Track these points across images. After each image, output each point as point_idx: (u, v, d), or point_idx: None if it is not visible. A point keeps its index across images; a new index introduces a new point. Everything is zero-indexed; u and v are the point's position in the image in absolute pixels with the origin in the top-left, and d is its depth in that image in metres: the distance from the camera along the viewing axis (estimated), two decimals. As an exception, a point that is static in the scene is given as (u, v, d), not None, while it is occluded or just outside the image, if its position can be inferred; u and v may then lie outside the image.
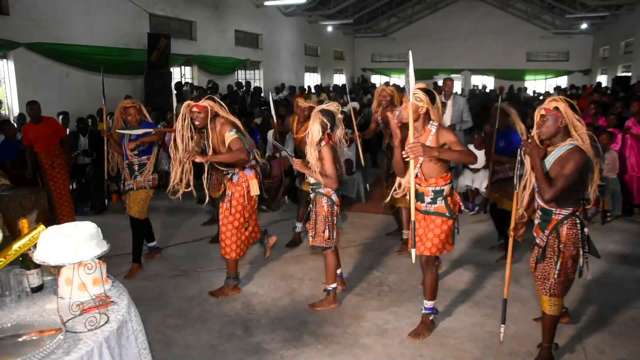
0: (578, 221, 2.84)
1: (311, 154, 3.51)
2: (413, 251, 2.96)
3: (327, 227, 3.65)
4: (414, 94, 3.01)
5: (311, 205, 3.76)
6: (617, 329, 3.52)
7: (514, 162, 3.18)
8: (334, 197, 3.66)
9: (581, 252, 2.84)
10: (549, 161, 2.78)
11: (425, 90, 3.16)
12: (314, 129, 3.51)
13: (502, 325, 3.19)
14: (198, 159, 3.53)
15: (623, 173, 6.29)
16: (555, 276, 2.83)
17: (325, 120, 3.51)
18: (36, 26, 9.07)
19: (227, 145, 3.62)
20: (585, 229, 2.86)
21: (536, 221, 2.98)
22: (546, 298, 2.90)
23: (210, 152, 3.74)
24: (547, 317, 2.95)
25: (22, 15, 8.85)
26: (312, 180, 3.68)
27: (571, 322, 3.58)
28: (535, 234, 3.00)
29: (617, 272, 4.52)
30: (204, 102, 3.64)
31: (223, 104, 3.78)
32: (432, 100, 3.15)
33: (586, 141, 2.72)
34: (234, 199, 3.85)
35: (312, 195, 3.74)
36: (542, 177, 2.75)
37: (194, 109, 3.62)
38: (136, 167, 4.47)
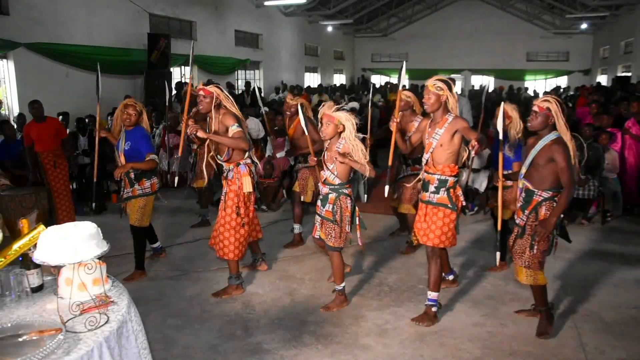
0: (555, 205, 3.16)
1: (356, 146, 3.46)
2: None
3: (349, 227, 3.65)
4: (434, 84, 3.31)
5: (329, 207, 3.61)
6: (617, 329, 3.52)
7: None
8: (352, 196, 3.68)
9: (554, 232, 3.19)
10: (536, 149, 3.14)
11: (443, 81, 3.33)
12: (348, 126, 3.48)
13: (498, 253, 3.54)
14: (200, 133, 3.57)
15: (623, 173, 6.29)
16: (532, 251, 3.18)
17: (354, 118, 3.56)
18: (36, 26, 9.08)
19: (230, 135, 3.68)
20: (561, 214, 3.16)
21: (518, 204, 3.30)
22: (523, 269, 3.25)
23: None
24: (534, 288, 3.31)
25: (22, 15, 8.86)
26: (337, 181, 3.58)
27: (571, 323, 3.59)
28: (516, 216, 3.34)
29: (617, 272, 4.52)
30: (211, 88, 3.72)
31: (230, 96, 3.84)
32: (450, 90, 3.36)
33: (568, 138, 3.09)
34: (228, 199, 3.86)
35: (331, 196, 3.60)
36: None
37: (201, 93, 3.71)
38: (132, 175, 4.24)
